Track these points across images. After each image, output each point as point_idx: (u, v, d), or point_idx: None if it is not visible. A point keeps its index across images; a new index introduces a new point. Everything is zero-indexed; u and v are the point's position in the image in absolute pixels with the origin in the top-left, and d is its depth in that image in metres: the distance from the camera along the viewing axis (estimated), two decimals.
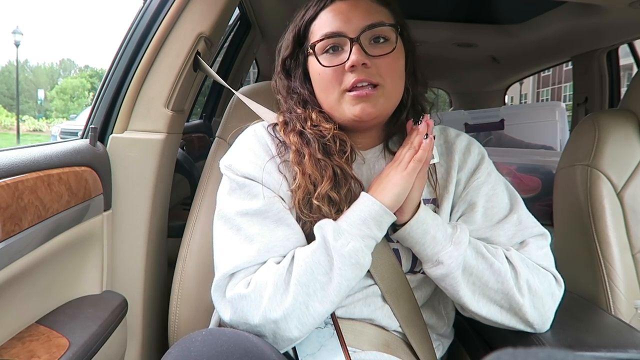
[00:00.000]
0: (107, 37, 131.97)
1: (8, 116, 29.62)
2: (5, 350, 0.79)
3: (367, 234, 0.73)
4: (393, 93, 0.80)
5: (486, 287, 0.77)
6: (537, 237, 0.84)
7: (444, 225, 0.78)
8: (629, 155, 1.17)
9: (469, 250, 0.76)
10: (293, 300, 0.70)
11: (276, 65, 0.89)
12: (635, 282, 1.11)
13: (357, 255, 0.72)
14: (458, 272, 0.75)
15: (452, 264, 0.75)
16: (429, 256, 0.77)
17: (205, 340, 0.64)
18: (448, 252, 0.75)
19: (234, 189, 0.81)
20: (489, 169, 0.87)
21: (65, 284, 0.98)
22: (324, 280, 0.71)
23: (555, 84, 28.21)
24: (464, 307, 0.79)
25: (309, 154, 0.79)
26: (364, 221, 0.73)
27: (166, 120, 1.08)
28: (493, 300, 0.77)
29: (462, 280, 0.76)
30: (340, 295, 0.72)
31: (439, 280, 0.78)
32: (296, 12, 0.86)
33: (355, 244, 0.72)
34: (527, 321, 0.78)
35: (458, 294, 0.77)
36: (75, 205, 0.93)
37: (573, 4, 1.56)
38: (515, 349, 0.36)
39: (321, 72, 0.80)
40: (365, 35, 0.77)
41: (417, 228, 0.77)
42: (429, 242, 0.77)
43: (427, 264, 0.78)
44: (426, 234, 0.77)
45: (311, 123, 0.82)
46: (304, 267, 0.72)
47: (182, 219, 1.12)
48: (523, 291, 0.77)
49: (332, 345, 0.78)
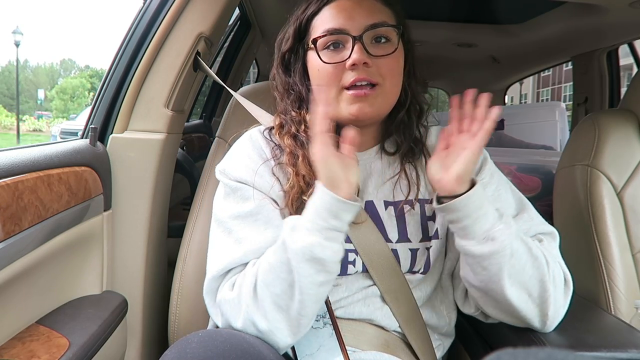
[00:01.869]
0: (107, 37, 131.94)
1: (8, 116, 29.61)
2: (6, 350, 0.79)
3: (323, 227, 0.69)
4: (391, 93, 0.81)
5: (522, 271, 0.74)
6: (547, 235, 0.83)
7: (492, 207, 0.74)
8: (629, 155, 1.17)
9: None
10: (261, 301, 0.70)
11: (275, 58, 0.89)
12: (635, 282, 1.11)
13: (311, 251, 0.68)
14: (508, 250, 0.72)
15: (504, 241, 0.71)
16: (479, 232, 0.72)
17: (202, 342, 0.64)
18: (500, 229, 0.71)
19: (228, 193, 0.82)
20: (492, 170, 0.87)
21: (65, 284, 0.98)
22: (288, 278, 0.69)
23: (555, 84, 28.20)
24: (496, 289, 0.74)
25: (303, 155, 0.79)
26: (318, 213, 0.69)
27: (166, 120, 1.08)
28: (525, 286, 0.74)
29: (507, 261, 0.72)
30: (314, 291, 0.69)
31: (484, 259, 0.72)
32: (297, 6, 0.86)
33: (310, 239, 0.68)
34: (545, 314, 0.76)
35: (498, 275, 0.72)
36: (75, 205, 0.93)
37: (573, 4, 1.56)
38: (515, 349, 0.36)
39: (321, 68, 0.80)
40: (368, 35, 0.77)
41: (474, 201, 0.72)
42: (482, 216, 0.72)
43: (474, 240, 0.73)
44: (481, 208, 0.72)
45: (305, 126, 0.82)
46: (267, 268, 0.71)
47: (182, 219, 1.12)
48: (552, 280, 0.75)
49: (331, 345, 0.78)
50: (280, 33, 0.89)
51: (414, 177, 0.85)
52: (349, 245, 0.80)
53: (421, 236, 0.84)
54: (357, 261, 0.81)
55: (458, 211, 0.73)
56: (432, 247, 0.84)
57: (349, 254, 0.81)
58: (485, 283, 0.75)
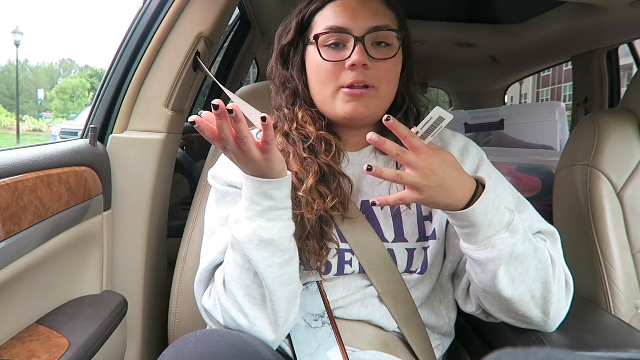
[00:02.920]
0: (107, 37, 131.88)
1: (8, 116, 29.61)
2: (5, 350, 0.79)
3: (260, 210, 0.69)
4: (386, 97, 0.81)
5: (526, 273, 0.73)
6: (549, 235, 0.83)
7: (503, 209, 0.73)
8: (629, 155, 1.17)
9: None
10: (235, 297, 0.72)
11: (274, 50, 0.89)
12: (635, 282, 1.11)
13: (257, 236, 0.69)
14: (504, 259, 0.71)
15: (503, 250, 0.70)
16: (482, 238, 0.71)
17: (200, 341, 0.64)
18: (502, 239, 0.70)
19: (219, 198, 0.83)
20: (489, 170, 0.87)
21: (65, 284, 0.98)
22: (252, 268, 0.70)
23: (555, 84, 28.21)
24: (495, 292, 0.74)
25: (294, 152, 0.80)
26: (251, 199, 0.69)
27: (166, 120, 1.08)
28: (528, 287, 0.74)
29: (504, 265, 0.72)
30: (276, 274, 0.70)
31: (480, 264, 0.73)
32: (299, 2, 0.85)
33: (253, 225, 0.69)
34: (547, 315, 0.76)
35: (493, 280, 0.72)
36: (75, 205, 0.93)
37: (573, 4, 1.56)
38: (515, 349, 0.36)
39: (320, 64, 0.80)
40: (370, 37, 0.77)
41: (479, 212, 0.70)
42: (486, 225, 0.70)
43: (475, 245, 0.72)
44: (486, 217, 0.70)
45: (297, 124, 0.82)
46: (232, 263, 0.73)
47: (182, 219, 1.12)
48: (557, 281, 0.75)
49: (330, 345, 0.78)
50: (282, 25, 0.88)
51: None
52: (344, 244, 0.81)
53: (418, 236, 0.83)
54: (354, 261, 0.81)
55: (461, 220, 0.72)
56: (429, 248, 0.84)
57: (345, 253, 0.81)
58: (483, 285, 0.76)
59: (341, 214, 0.79)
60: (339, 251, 0.80)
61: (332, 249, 0.79)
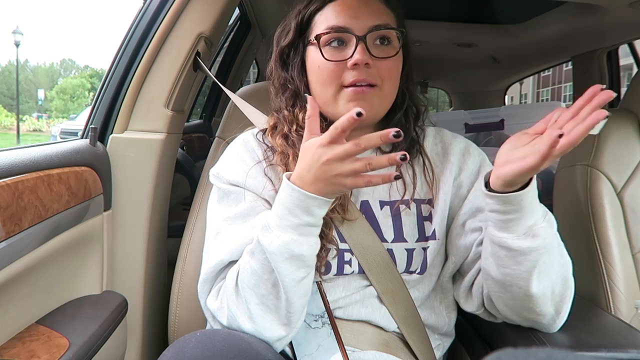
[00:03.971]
0: (107, 37, 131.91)
1: (8, 116, 29.61)
2: (6, 350, 0.79)
3: (296, 224, 0.67)
4: (388, 95, 0.81)
5: (551, 268, 0.73)
6: None
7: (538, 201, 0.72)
8: (629, 155, 1.17)
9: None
10: (247, 304, 0.71)
11: (272, 51, 0.88)
12: (635, 282, 1.11)
13: (288, 249, 0.67)
14: (548, 248, 0.71)
15: (546, 239, 0.70)
16: (523, 227, 0.70)
17: (200, 341, 0.64)
18: (543, 227, 0.70)
19: (221, 197, 0.83)
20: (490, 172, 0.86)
21: (65, 284, 0.98)
22: (271, 278, 0.69)
23: (555, 84, 28.21)
24: (523, 285, 0.72)
25: (294, 154, 0.79)
26: (290, 210, 0.67)
27: (166, 120, 1.08)
28: (550, 283, 0.74)
29: (541, 258, 0.71)
30: (298, 287, 0.69)
31: (520, 254, 0.70)
32: (298, 2, 0.85)
33: (285, 237, 0.67)
34: (559, 312, 0.76)
35: (530, 272, 0.71)
36: (75, 205, 0.93)
37: (573, 4, 1.56)
38: (515, 349, 0.36)
39: (321, 64, 0.79)
40: (371, 35, 0.78)
41: (529, 196, 0.69)
42: (529, 213, 0.69)
43: (514, 234, 0.70)
44: (532, 204, 0.69)
45: (297, 126, 0.82)
46: (249, 270, 0.71)
47: (182, 219, 1.12)
48: (571, 278, 0.76)
49: (330, 345, 0.78)
50: (280, 26, 0.88)
51: (410, 177, 0.85)
52: (344, 244, 0.80)
53: (417, 236, 0.83)
54: (353, 261, 0.81)
55: (509, 204, 0.69)
56: (429, 248, 0.83)
57: (344, 253, 0.81)
58: (512, 278, 0.73)
59: (340, 216, 0.80)
60: (339, 251, 0.80)
61: (331, 249, 0.79)
